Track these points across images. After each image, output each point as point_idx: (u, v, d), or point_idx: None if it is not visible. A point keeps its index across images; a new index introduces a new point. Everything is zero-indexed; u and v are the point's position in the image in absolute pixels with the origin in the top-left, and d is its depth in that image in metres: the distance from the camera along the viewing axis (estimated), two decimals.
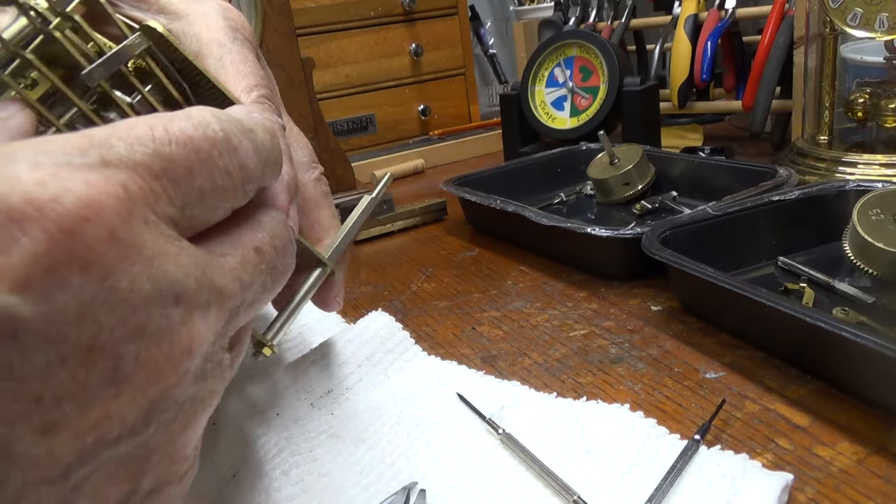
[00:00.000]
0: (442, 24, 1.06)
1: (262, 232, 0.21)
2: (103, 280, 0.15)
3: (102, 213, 0.15)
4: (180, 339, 0.17)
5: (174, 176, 0.17)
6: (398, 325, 0.39)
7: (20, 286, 0.13)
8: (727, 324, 0.39)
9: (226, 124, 0.19)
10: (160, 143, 0.17)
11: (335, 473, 0.29)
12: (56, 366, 0.14)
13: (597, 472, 0.28)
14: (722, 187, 0.57)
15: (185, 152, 0.18)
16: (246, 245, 0.20)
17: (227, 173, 0.19)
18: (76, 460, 0.15)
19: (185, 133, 0.18)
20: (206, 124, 0.19)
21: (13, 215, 0.13)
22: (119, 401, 0.15)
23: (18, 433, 0.14)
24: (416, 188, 0.85)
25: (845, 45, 0.76)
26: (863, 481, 0.27)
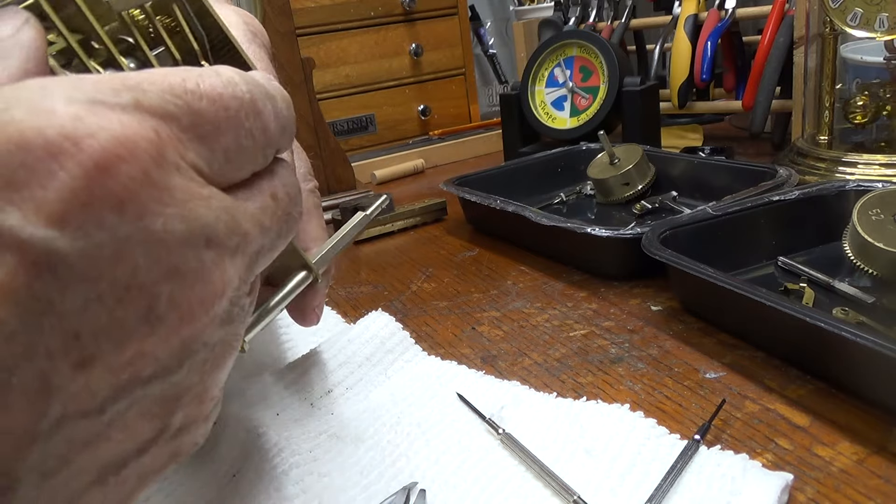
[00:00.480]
0: (442, 24, 1.06)
1: (276, 179, 0.21)
2: (138, 219, 0.15)
3: (137, 153, 0.15)
4: (212, 281, 0.17)
5: (202, 132, 0.17)
6: (398, 325, 0.39)
7: (58, 220, 0.13)
8: (727, 324, 0.39)
9: (252, 86, 0.19)
10: (192, 96, 0.17)
11: (335, 473, 0.29)
12: (94, 303, 0.14)
13: (597, 472, 0.28)
14: (722, 187, 0.57)
15: (214, 109, 0.17)
16: (264, 192, 0.20)
17: (251, 135, 0.19)
18: (111, 395, 0.16)
19: (216, 90, 0.18)
20: (235, 84, 0.18)
21: (50, 149, 0.13)
22: (153, 340, 0.16)
23: (57, 366, 0.14)
24: (416, 188, 0.85)
25: (845, 45, 0.76)
26: (863, 481, 0.27)
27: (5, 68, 0.17)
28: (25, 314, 0.13)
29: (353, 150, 0.99)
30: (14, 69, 0.17)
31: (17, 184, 0.13)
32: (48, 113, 0.14)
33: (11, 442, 0.14)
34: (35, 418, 0.14)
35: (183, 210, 0.16)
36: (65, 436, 0.15)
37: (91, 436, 0.16)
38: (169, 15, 0.23)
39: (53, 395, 0.14)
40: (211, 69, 0.18)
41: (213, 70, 0.18)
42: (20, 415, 0.14)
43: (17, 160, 0.13)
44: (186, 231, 0.16)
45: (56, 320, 0.14)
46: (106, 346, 0.15)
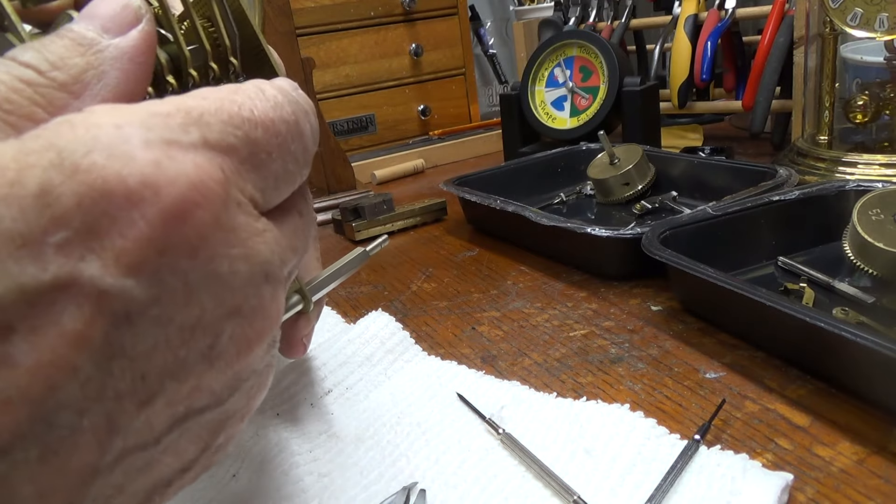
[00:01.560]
0: (442, 24, 1.06)
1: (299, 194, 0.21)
2: (209, 263, 0.15)
3: (209, 197, 0.15)
4: (270, 315, 0.17)
5: (257, 161, 0.17)
6: (398, 325, 0.39)
7: (135, 269, 0.14)
8: (727, 324, 0.39)
9: (295, 106, 0.19)
10: (249, 125, 0.17)
11: (335, 473, 0.29)
12: (162, 345, 0.15)
13: (597, 472, 0.28)
14: (722, 187, 0.57)
15: (268, 137, 0.17)
16: (293, 211, 0.20)
17: (295, 158, 0.19)
18: (168, 428, 0.16)
19: (268, 116, 0.18)
20: (282, 106, 0.18)
21: (131, 197, 0.14)
22: (211, 374, 0.16)
23: (124, 406, 0.14)
24: (416, 188, 0.85)
25: (845, 45, 0.76)
26: (863, 481, 0.27)
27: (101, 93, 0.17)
28: (100, 360, 0.14)
29: (353, 150, 0.99)
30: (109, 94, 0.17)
31: (99, 232, 0.13)
32: (128, 158, 0.14)
33: (77, 478, 0.14)
34: (99, 455, 0.15)
35: (246, 250, 0.16)
36: (123, 467, 0.15)
37: (145, 464, 0.16)
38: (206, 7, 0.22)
39: (117, 433, 0.15)
40: (255, 89, 0.18)
41: (259, 90, 0.18)
42: (87, 453, 0.14)
43: (100, 208, 0.13)
44: (249, 271, 0.16)
45: (126, 363, 0.14)
46: (169, 385, 0.15)
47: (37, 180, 0.13)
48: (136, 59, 0.18)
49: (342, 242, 0.66)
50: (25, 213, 0.13)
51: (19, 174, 0.13)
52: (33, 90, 0.16)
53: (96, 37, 0.17)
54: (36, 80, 0.16)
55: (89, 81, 0.17)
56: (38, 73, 0.16)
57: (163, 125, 0.15)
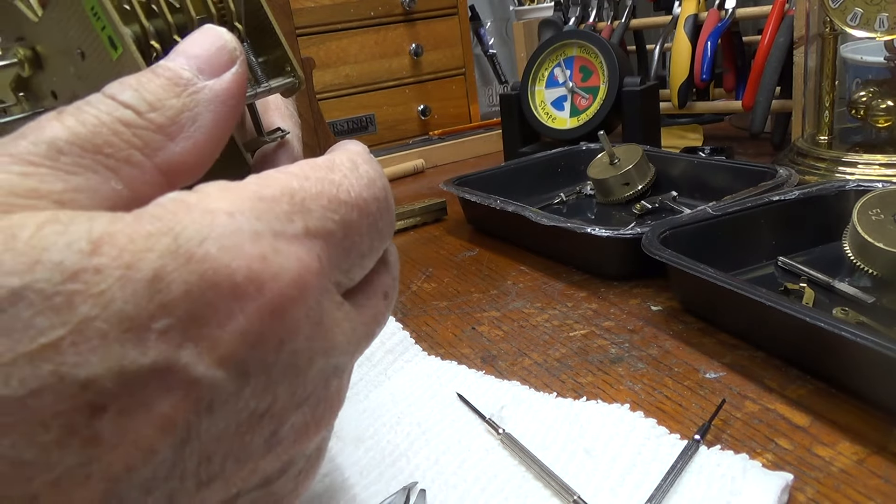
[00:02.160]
0: (442, 24, 1.06)
1: (388, 275, 0.20)
2: (292, 356, 0.15)
3: (307, 292, 0.15)
4: (332, 405, 0.17)
5: (349, 243, 0.17)
6: (398, 325, 0.39)
7: (226, 361, 0.14)
8: (727, 324, 0.39)
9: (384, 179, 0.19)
10: (347, 209, 0.17)
11: (335, 473, 0.29)
12: (232, 431, 0.15)
13: (597, 472, 0.28)
14: (722, 187, 0.57)
15: (361, 218, 0.17)
16: (378, 293, 0.20)
17: (381, 235, 0.19)
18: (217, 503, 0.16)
19: (362, 197, 0.18)
20: (373, 182, 0.18)
21: (237, 291, 0.14)
22: (268, 458, 0.16)
23: (186, 487, 0.15)
24: (416, 188, 0.85)
25: (845, 45, 0.76)
26: (863, 481, 0.27)
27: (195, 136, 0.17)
28: (177, 444, 0.14)
29: None
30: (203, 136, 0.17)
31: (200, 321, 0.14)
32: (238, 250, 0.14)
33: None
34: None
35: (325, 343, 0.16)
36: None
37: None
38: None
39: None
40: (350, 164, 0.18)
41: (353, 165, 0.18)
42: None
43: (205, 300, 0.14)
44: (325, 363, 0.16)
45: (197, 446, 0.14)
46: (229, 467, 0.15)
47: (152, 266, 0.13)
48: (229, 102, 0.18)
49: None
50: (137, 297, 0.13)
51: (135, 257, 0.13)
52: (132, 132, 0.16)
53: (192, 77, 0.17)
54: (135, 121, 0.16)
55: (184, 124, 0.17)
56: (137, 115, 0.16)
57: (271, 214, 0.15)
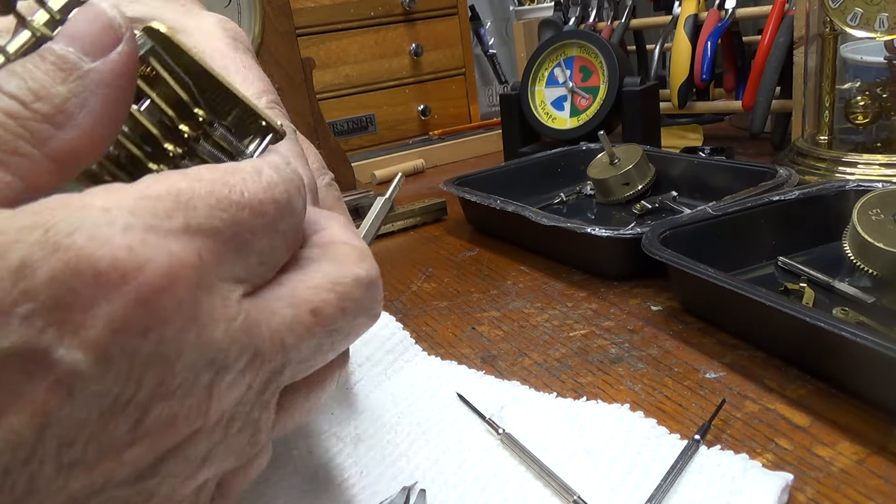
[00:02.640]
0: (442, 24, 1.06)
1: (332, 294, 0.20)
2: (158, 344, 0.16)
3: (177, 285, 0.16)
4: (199, 400, 0.17)
5: (242, 240, 0.18)
6: (398, 325, 0.39)
7: (89, 346, 0.14)
8: (727, 324, 0.39)
9: (288, 184, 0.19)
10: (237, 207, 0.18)
11: (335, 473, 0.29)
12: (94, 416, 0.15)
13: (597, 472, 0.28)
14: (722, 187, 0.57)
15: (253, 217, 0.18)
16: (301, 305, 0.19)
17: (284, 235, 0.19)
18: (84, 495, 0.16)
19: (257, 197, 0.18)
20: (274, 185, 0.19)
21: (100, 279, 0.14)
22: (132, 449, 0.16)
23: (45, 469, 0.15)
24: (416, 188, 0.85)
25: (845, 45, 0.76)
26: (863, 481, 0.27)
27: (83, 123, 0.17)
28: (37, 427, 0.14)
29: (353, 150, 0.99)
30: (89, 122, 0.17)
31: (63, 308, 0.14)
32: (105, 240, 0.15)
33: None
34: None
35: (200, 337, 0.16)
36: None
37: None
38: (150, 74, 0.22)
39: (35, 494, 0.15)
40: (253, 170, 0.19)
41: (256, 171, 0.19)
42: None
43: (68, 286, 0.14)
44: (196, 356, 0.16)
45: (57, 430, 0.15)
46: (91, 454, 0.15)
47: (19, 255, 0.14)
48: (117, 82, 0.18)
49: None
50: (2, 284, 0.14)
51: (4, 248, 0.14)
52: (18, 124, 0.16)
53: (77, 60, 0.17)
54: (21, 112, 0.16)
55: (72, 111, 0.17)
56: (23, 106, 0.16)
57: (149, 210, 0.16)
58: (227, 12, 0.74)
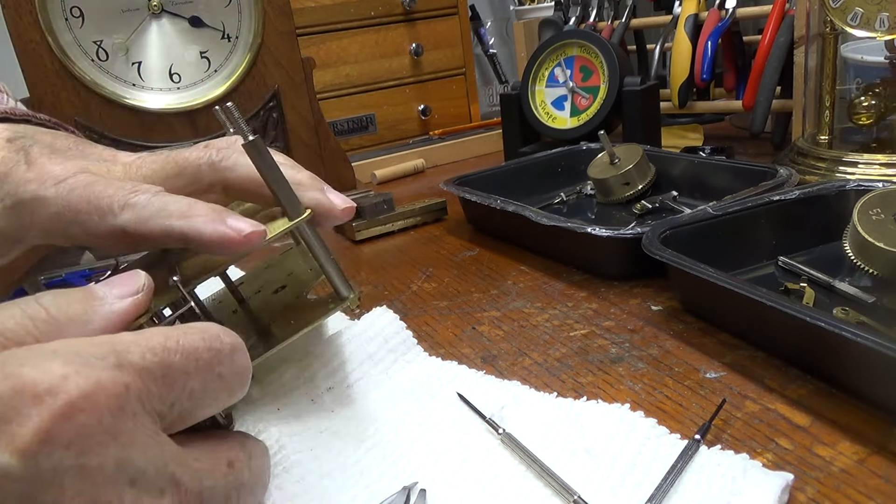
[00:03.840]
0: (442, 24, 1.06)
1: (243, 452, 0.25)
2: (79, 456, 0.18)
3: (97, 405, 0.19)
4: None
5: (170, 379, 0.21)
6: (402, 325, 0.39)
7: (20, 451, 0.18)
8: (727, 324, 0.39)
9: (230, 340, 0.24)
10: (169, 352, 0.22)
11: (336, 473, 0.29)
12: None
13: (597, 471, 0.28)
14: (722, 187, 0.57)
15: (183, 359, 0.22)
16: (220, 457, 0.24)
17: (220, 377, 0.23)
18: None
19: (193, 345, 0.22)
20: (212, 338, 0.23)
21: (36, 396, 0.18)
22: None
23: None
24: (416, 188, 0.85)
25: (846, 45, 0.76)
26: (863, 481, 0.27)
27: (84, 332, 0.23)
28: None
29: (353, 150, 0.99)
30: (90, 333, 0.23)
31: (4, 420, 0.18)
32: (45, 370, 0.19)
33: None
34: None
35: (120, 453, 0.19)
36: None
37: None
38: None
39: None
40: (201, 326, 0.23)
41: (197, 328, 0.23)
42: None
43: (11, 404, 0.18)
44: (116, 470, 0.19)
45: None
46: None
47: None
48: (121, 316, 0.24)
49: (343, 242, 0.66)
50: None
51: None
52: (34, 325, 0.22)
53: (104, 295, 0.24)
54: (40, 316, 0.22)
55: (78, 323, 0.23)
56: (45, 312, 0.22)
57: (89, 351, 0.20)
58: (228, 12, 0.74)
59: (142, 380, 0.21)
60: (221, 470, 0.23)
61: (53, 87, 0.68)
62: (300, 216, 0.30)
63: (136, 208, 0.28)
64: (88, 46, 0.69)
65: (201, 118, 0.74)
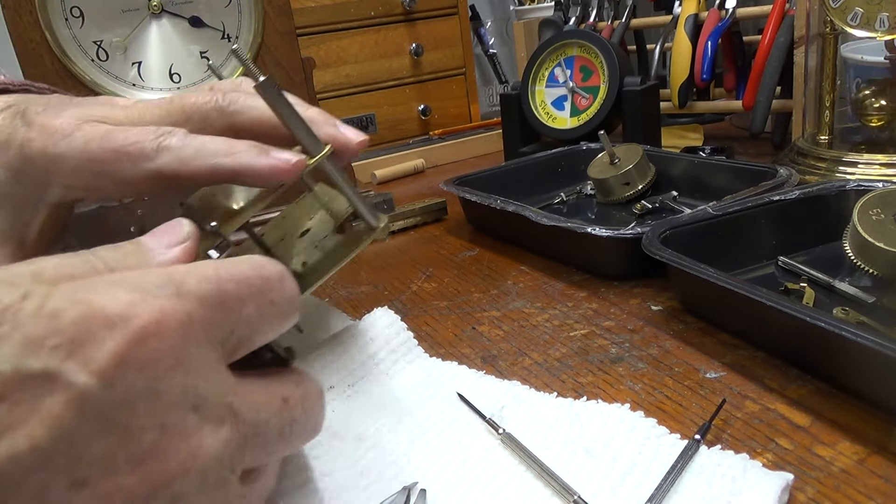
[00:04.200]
0: (442, 24, 1.06)
1: (299, 391, 0.25)
2: (151, 380, 0.19)
3: (166, 331, 0.20)
4: (189, 440, 0.20)
5: (227, 306, 0.22)
6: (403, 325, 0.39)
7: (98, 372, 0.18)
8: (727, 324, 0.39)
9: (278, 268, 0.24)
10: (222, 280, 0.22)
11: (336, 473, 0.29)
12: (99, 437, 0.18)
13: (597, 471, 0.28)
14: (722, 187, 0.57)
15: (239, 287, 0.22)
16: (275, 393, 0.24)
17: (272, 304, 0.23)
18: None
19: (243, 273, 0.23)
20: (261, 266, 0.24)
21: (108, 321, 0.19)
22: (131, 478, 0.19)
23: (57, 484, 0.18)
24: (416, 188, 0.85)
25: (846, 45, 0.76)
26: (863, 481, 0.27)
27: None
28: (53, 437, 0.17)
29: None
30: None
31: (80, 342, 0.18)
32: (113, 297, 0.19)
33: None
34: None
35: (185, 379, 0.20)
36: None
37: None
38: None
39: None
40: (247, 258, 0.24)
41: (246, 259, 0.24)
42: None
43: (85, 327, 0.18)
44: (181, 394, 0.20)
45: (68, 444, 0.18)
46: (96, 474, 0.18)
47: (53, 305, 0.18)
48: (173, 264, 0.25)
49: None
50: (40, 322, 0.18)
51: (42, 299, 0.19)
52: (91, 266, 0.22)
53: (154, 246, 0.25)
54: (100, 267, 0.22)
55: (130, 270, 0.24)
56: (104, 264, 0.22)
57: (147, 280, 0.21)
58: (228, 12, 0.74)
59: (202, 307, 0.21)
60: (276, 405, 0.24)
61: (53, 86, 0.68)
62: (321, 152, 0.30)
63: (173, 150, 0.29)
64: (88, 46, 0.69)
65: None
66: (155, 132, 0.29)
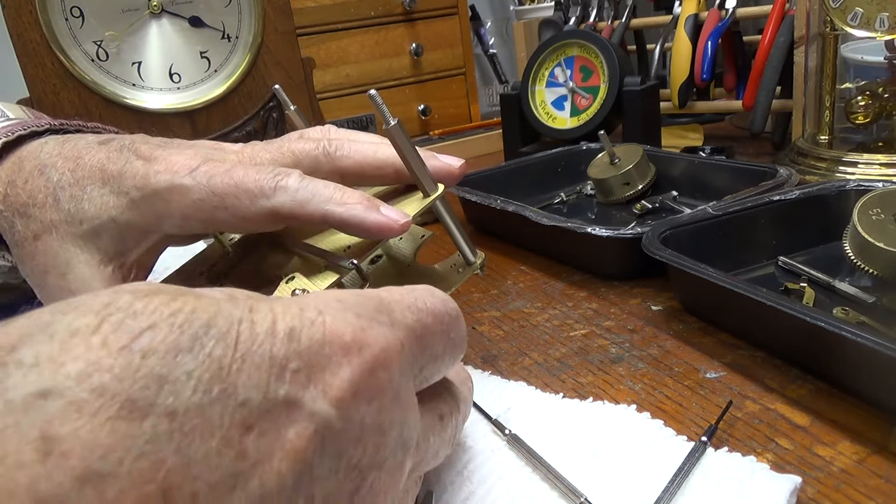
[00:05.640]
0: (442, 24, 1.06)
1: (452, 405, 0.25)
2: (378, 413, 0.18)
3: (391, 361, 0.19)
4: (399, 477, 0.20)
5: (425, 340, 0.21)
6: None
7: (337, 401, 0.17)
8: (727, 323, 0.40)
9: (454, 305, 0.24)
10: (423, 312, 0.22)
11: None
12: (331, 474, 0.17)
13: (604, 473, 0.28)
14: (722, 187, 0.57)
15: (434, 322, 0.22)
16: (434, 412, 0.24)
17: (452, 343, 0.23)
18: None
19: (436, 307, 0.22)
20: (446, 301, 0.23)
21: (345, 347, 0.18)
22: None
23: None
24: None
25: (846, 45, 0.76)
26: (863, 481, 0.27)
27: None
28: (296, 473, 0.16)
29: None
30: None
31: (319, 368, 0.17)
32: (345, 321, 0.18)
33: None
34: None
35: (402, 414, 0.19)
36: None
37: None
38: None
39: None
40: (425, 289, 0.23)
41: (430, 292, 0.23)
42: None
43: (324, 352, 0.17)
44: (399, 432, 0.19)
45: (308, 481, 0.16)
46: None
47: (287, 324, 0.17)
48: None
49: None
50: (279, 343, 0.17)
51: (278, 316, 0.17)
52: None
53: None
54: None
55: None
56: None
57: (367, 306, 0.20)
58: (228, 12, 0.74)
59: (408, 338, 0.20)
60: (437, 427, 0.23)
61: (53, 87, 0.68)
62: (437, 191, 0.33)
63: (289, 191, 0.29)
64: (88, 46, 0.69)
65: (201, 118, 0.74)
66: (273, 171, 0.30)
